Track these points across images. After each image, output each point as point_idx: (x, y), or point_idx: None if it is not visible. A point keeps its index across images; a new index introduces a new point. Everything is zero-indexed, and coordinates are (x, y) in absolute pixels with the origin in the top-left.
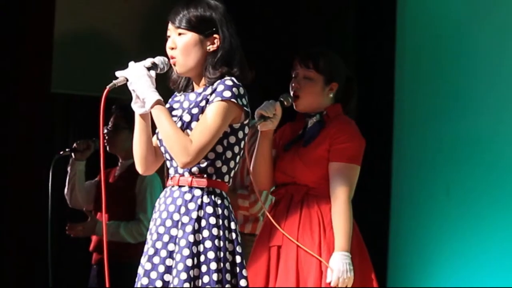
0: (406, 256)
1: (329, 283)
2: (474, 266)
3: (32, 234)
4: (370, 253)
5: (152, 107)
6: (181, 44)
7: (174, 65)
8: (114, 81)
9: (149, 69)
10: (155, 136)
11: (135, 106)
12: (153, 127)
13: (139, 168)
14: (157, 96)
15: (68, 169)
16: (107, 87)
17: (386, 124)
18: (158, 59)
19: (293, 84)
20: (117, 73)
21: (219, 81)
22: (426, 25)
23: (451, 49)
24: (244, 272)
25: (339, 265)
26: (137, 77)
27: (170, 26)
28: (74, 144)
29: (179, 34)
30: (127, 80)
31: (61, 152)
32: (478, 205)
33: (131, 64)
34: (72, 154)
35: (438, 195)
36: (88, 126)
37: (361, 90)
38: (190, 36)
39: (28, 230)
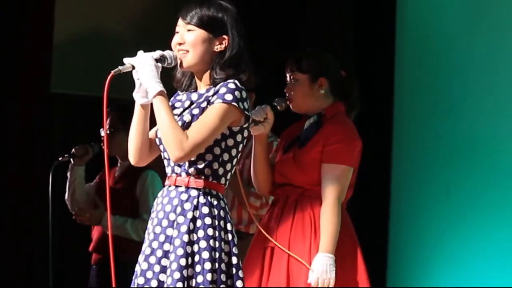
0: (406, 256)
1: (310, 284)
2: (474, 266)
3: (32, 235)
4: (370, 253)
5: (154, 97)
6: (190, 40)
7: (180, 59)
8: (120, 67)
9: (157, 60)
10: (153, 129)
11: (137, 95)
12: (152, 120)
13: (132, 158)
14: (160, 87)
15: (68, 174)
16: (112, 71)
17: (386, 124)
18: (168, 53)
19: (285, 91)
20: (125, 60)
21: (222, 83)
22: (426, 26)
23: (451, 49)
24: (240, 273)
25: (319, 266)
26: (144, 66)
27: (180, 22)
28: (73, 150)
29: (188, 30)
30: (133, 68)
31: (60, 158)
32: (478, 205)
33: (140, 53)
34: (71, 159)
35: (438, 195)
36: (88, 126)
37: (361, 91)
38: (199, 33)
39: (28, 230)
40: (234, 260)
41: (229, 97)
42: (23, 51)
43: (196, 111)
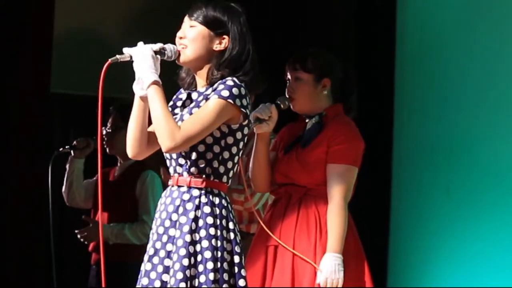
0: (406, 256)
1: (319, 284)
2: (474, 266)
3: (32, 235)
4: (370, 253)
5: (148, 87)
6: (190, 35)
7: (179, 54)
8: (118, 56)
9: (156, 52)
10: None
11: (136, 87)
12: None
13: (130, 150)
14: (155, 77)
15: (67, 166)
16: (109, 59)
17: (386, 124)
18: (168, 46)
19: (286, 88)
20: (124, 49)
21: (220, 81)
22: (426, 26)
23: (451, 49)
24: (242, 272)
25: (327, 265)
26: (142, 57)
27: (186, 18)
28: (74, 142)
29: (191, 26)
30: (131, 58)
31: (61, 149)
32: (478, 205)
33: (140, 43)
34: (72, 151)
35: (438, 195)
36: (88, 126)
37: (361, 91)
38: (200, 29)
39: (28, 230)
40: (237, 259)
41: (225, 93)
42: (23, 51)
43: (195, 110)
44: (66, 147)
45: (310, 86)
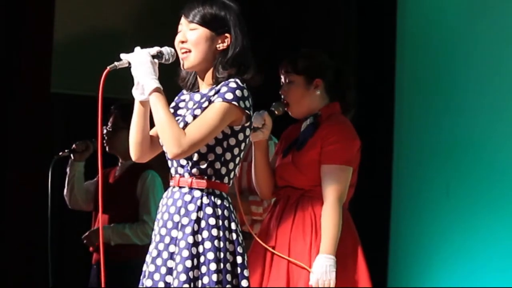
0: (406, 256)
1: (312, 285)
2: (474, 266)
3: (32, 234)
4: (370, 253)
5: (150, 94)
6: (192, 38)
7: (183, 59)
8: (116, 63)
9: (154, 57)
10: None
11: (135, 92)
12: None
13: (133, 154)
14: (156, 84)
15: (67, 170)
16: (108, 67)
17: (386, 124)
18: (165, 49)
19: (280, 91)
20: (122, 56)
21: (223, 82)
22: (425, 27)
23: (451, 49)
24: (245, 273)
25: (318, 267)
26: (140, 62)
27: (182, 20)
28: (73, 145)
29: (191, 29)
30: (129, 64)
31: (60, 153)
32: (478, 205)
33: (137, 49)
34: (71, 155)
35: (438, 195)
36: (88, 126)
37: (362, 91)
38: (202, 31)
39: (28, 230)
40: (239, 259)
41: (229, 96)
42: (23, 51)
43: (198, 112)
44: (66, 151)
45: (302, 88)
